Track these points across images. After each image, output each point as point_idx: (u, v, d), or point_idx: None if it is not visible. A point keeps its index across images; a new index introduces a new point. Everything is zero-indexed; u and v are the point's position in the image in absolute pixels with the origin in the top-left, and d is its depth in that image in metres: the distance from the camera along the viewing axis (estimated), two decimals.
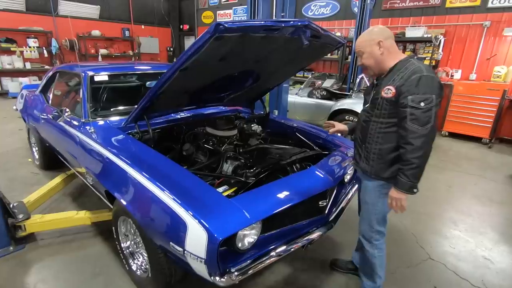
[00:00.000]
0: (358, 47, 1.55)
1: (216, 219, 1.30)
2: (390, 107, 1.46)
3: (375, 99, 1.53)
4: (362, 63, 1.57)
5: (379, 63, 1.52)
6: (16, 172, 3.54)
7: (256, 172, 1.82)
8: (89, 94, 2.41)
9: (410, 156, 1.38)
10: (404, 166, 1.41)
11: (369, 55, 1.51)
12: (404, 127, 1.39)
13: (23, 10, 8.48)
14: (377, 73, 1.57)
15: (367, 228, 1.72)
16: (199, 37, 1.36)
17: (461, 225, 2.83)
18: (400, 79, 1.42)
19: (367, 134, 1.58)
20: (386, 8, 6.68)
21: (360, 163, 1.66)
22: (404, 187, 1.42)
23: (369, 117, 1.57)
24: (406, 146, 1.39)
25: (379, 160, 1.56)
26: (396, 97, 1.41)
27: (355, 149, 1.73)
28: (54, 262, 2.13)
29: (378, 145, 1.55)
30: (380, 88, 1.51)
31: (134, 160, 1.68)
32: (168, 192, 1.41)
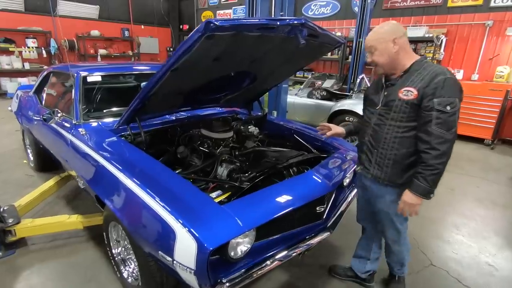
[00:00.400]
0: (369, 43, 1.46)
1: (207, 227, 1.24)
2: (410, 110, 1.39)
3: (390, 101, 1.45)
4: (373, 60, 1.47)
5: (393, 62, 1.43)
6: (10, 174, 3.49)
7: (251, 176, 1.75)
8: (82, 95, 2.34)
9: (434, 162, 1.33)
10: (426, 171, 1.36)
11: (382, 52, 1.42)
12: (427, 131, 1.34)
13: (22, 10, 8.44)
14: (387, 72, 1.49)
15: (393, 232, 1.69)
16: (189, 36, 1.29)
17: (464, 229, 2.76)
18: (421, 81, 1.36)
19: (381, 139, 1.50)
20: (387, 7, 6.60)
21: (371, 169, 1.58)
22: (422, 192, 1.38)
23: (383, 121, 1.49)
24: (431, 151, 1.33)
25: (395, 166, 1.49)
26: (418, 99, 1.35)
27: (363, 154, 1.63)
28: (44, 268, 2.07)
29: (394, 150, 1.47)
30: (395, 89, 1.44)
31: (123, 165, 1.62)
32: (157, 199, 1.35)
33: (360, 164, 1.68)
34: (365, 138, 1.61)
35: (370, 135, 1.57)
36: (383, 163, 1.52)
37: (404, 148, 1.45)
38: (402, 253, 1.79)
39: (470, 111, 5.37)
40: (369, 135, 1.57)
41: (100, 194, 1.67)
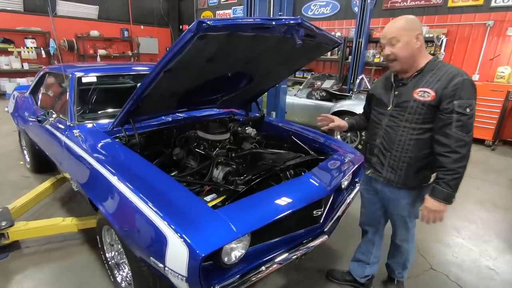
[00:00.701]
0: (391, 33, 1.35)
1: (199, 233, 1.20)
2: (426, 112, 1.35)
3: (403, 102, 1.41)
4: (393, 52, 1.36)
5: (412, 58, 1.37)
6: (6, 175, 3.46)
7: (247, 179, 1.72)
8: (76, 96, 2.31)
9: (455, 166, 1.29)
10: (447, 175, 1.31)
11: (405, 45, 1.34)
12: (447, 134, 1.30)
13: (21, 11, 8.42)
14: (403, 69, 1.41)
15: (404, 234, 1.70)
16: (181, 36, 1.26)
17: (464, 232, 2.72)
18: (437, 81, 1.32)
19: (394, 141, 1.46)
20: (387, 7, 6.57)
21: (383, 172, 1.54)
22: (445, 198, 1.34)
23: (396, 122, 1.45)
24: (451, 154, 1.29)
25: (409, 169, 1.46)
26: (436, 101, 1.31)
27: (374, 157, 1.58)
28: (38, 272, 2.04)
29: (408, 153, 1.43)
30: (408, 89, 1.40)
31: (116, 168, 1.59)
32: (149, 203, 1.32)
33: (371, 167, 1.63)
34: (376, 140, 1.55)
35: (382, 137, 1.52)
36: (397, 166, 1.48)
37: (418, 151, 1.42)
38: (409, 252, 1.79)
39: None
40: (381, 137, 1.52)
41: (92, 198, 1.64)
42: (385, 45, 1.40)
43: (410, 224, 1.67)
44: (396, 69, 1.43)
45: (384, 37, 1.40)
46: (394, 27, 1.37)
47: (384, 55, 1.42)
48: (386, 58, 1.43)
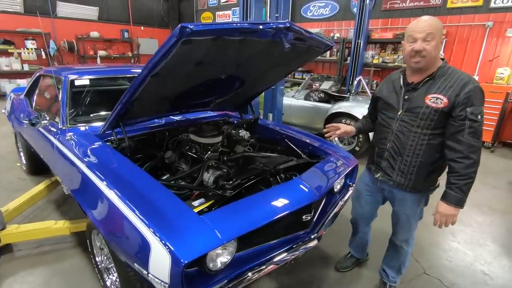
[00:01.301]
0: (430, 29, 1.30)
1: (182, 239, 1.19)
2: (438, 118, 1.37)
3: (415, 107, 1.42)
4: (425, 49, 1.31)
5: (436, 59, 1.37)
6: (3, 177, 3.47)
7: (235, 184, 1.71)
8: (69, 99, 2.31)
9: (468, 171, 1.33)
10: (460, 180, 1.34)
11: (437, 45, 1.34)
12: (459, 140, 1.32)
13: (21, 12, 8.46)
14: (426, 67, 1.38)
15: (407, 234, 1.74)
16: (165, 41, 1.25)
17: (460, 236, 2.70)
18: (449, 88, 1.34)
19: (406, 146, 1.48)
20: (386, 8, 6.54)
21: (394, 176, 1.56)
22: (457, 202, 1.37)
23: (407, 127, 1.46)
24: (464, 160, 1.32)
25: (419, 173, 1.49)
26: (449, 107, 1.32)
27: (384, 161, 1.59)
28: (29, 275, 2.04)
29: (419, 157, 1.46)
30: (420, 95, 1.41)
31: (104, 173, 1.58)
32: (134, 209, 1.31)
33: (380, 170, 1.64)
34: (387, 144, 1.56)
35: (393, 142, 1.53)
36: (407, 170, 1.50)
37: (429, 156, 1.44)
38: (407, 256, 1.82)
39: None
40: (391, 141, 1.53)
41: (80, 202, 1.64)
42: (418, 39, 1.33)
43: (413, 224, 1.70)
44: (420, 65, 1.37)
45: (419, 31, 1.33)
46: (431, 24, 1.32)
47: (414, 49, 1.34)
48: (415, 54, 1.35)
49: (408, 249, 1.80)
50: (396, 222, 1.75)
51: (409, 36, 1.37)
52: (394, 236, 1.82)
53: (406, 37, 1.40)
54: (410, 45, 1.36)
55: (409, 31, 1.38)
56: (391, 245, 1.88)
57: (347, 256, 2.24)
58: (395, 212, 1.73)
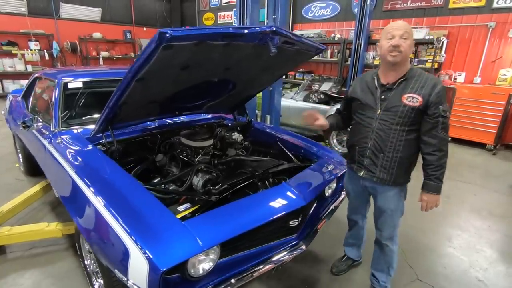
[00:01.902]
0: (407, 29, 1.46)
1: (161, 247, 1.19)
2: (414, 115, 1.49)
3: (393, 106, 1.53)
4: (401, 45, 1.44)
5: (408, 59, 1.52)
6: (1, 178, 3.50)
7: (222, 189, 1.69)
8: (62, 102, 2.32)
9: (442, 162, 1.50)
10: (436, 171, 1.51)
11: (411, 45, 1.48)
12: (434, 135, 1.48)
13: (25, 13, 8.54)
14: (399, 65, 1.50)
15: (391, 230, 1.78)
16: (146, 46, 1.24)
17: (456, 241, 2.65)
18: (421, 88, 1.48)
19: (387, 143, 1.57)
20: (387, 9, 6.48)
21: (377, 173, 1.64)
22: (436, 189, 1.54)
23: (387, 125, 1.56)
24: (437, 152, 1.49)
25: (399, 168, 1.59)
26: (424, 106, 1.47)
27: (366, 159, 1.67)
28: (19, 277, 2.05)
29: (399, 153, 1.57)
30: (396, 94, 1.52)
31: (90, 178, 1.58)
32: (116, 217, 1.30)
33: (363, 168, 1.70)
34: (368, 143, 1.64)
35: (374, 140, 1.61)
36: (389, 165, 1.60)
37: (407, 150, 1.56)
38: (393, 256, 1.86)
39: (471, 115, 5.22)
40: (373, 139, 1.61)
41: (66, 205, 1.64)
42: (396, 36, 1.45)
43: (396, 220, 1.76)
44: (396, 60, 1.48)
45: (397, 29, 1.46)
46: (406, 26, 1.49)
47: (393, 44, 1.45)
48: (393, 48, 1.46)
49: (393, 247, 1.83)
50: (380, 220, 1.80)
51: (388, 33, 1.49)
52: (379, 235, 1.86)
53: (385, 35, 1.51)
54: (388, 41, 1.48)
55: (387, 30, 1.51)
56: (377, 246, 1.92)
57: (342, 258, 2.24)
58: (378, 208, 1.78)
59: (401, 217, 1.79)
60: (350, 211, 2.07)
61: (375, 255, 1.97)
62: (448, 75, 5.67)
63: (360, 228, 2.10)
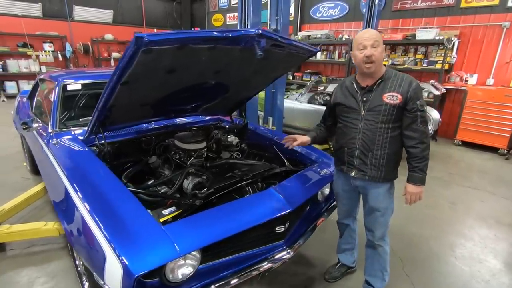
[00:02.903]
0: (376, 37, 1.52)
1: (136, 252, 1.18)
2: (396, 112, 1.56)
3: (376, 106, 1.58)
4: (373, 54, 1.50)
5: (381, 63, 1.58)
6: (8, 177, 3.60)
7: (208, 193, 1.68)
8: (60, 104, 2.37)
9: (424, 153, 1.57)
10: (420, 163, 1.57)
11: (382, 51, 1.54)
12: (415, 129, 1.55)
13: (40, 16, 8.83)
14: (375, 71, 1.56)
15: (383, 230, 1.80)
16: (125, 51, 1.25)
17: (459, 250, 2.55)
18: (399, 86, 1.55)
19: (374, 141, 1.62)
20: (396, 9, 6.33)
21: (368, 171, 1.68)
22: (421, 181, 1.60)
23: (373, 125, 1.61)
24: (420, 145, 1.55)
25: (388, 164, 1.64)
26: (403, 102, 1.54)
27: (356, 159, 1.70)
28: (15, 275, 2.10)
29: (386, 149, 1.62)
30: (377, 95, 1.58)
31: (77, 181, 1.58)
32: (97, 220, 1.30)
33: (354, 168, 1.72)
34: (356, 143, 1.67)
35: (362, 140, 1.65)
36: (379, 163, 1.64)
37: (393, 146, 1.62)
38: (386, 257, 1.86)
39: (484, 118, 5.03)
40: (361, 139, 1.65)
41: (56, 208, 1.66)
42: (367, 46, 1.51)
43: (387, 218, 1.78)
44: (371, 70, 1.55)
45: (367, 39, 1.52)
46: (376, 33, 1.55)
47: (366, 55, 1.51)
48: (367, 60, 1.52)
49: (386, 248, 1.84)
50: (372, 220, 1.80)
51: (359, 44, 1.54)
52: (371, 237, 1.85)
53: (356, 45, 1.56)
54: (361, 52, 1.53)
55: (358, 40, 1.55)
56: (370, 249, 1.91)
57: (336, 265, 2.20)
58: (370, 208, 1.78)
59: (391, 216, 1.80)
60: (340, 214, 2.04)
61: (368, 260, 1.95)
62: (459, 76, 5.49)
63: (352, 231, 2.08)
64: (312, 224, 1.95)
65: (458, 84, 5.44)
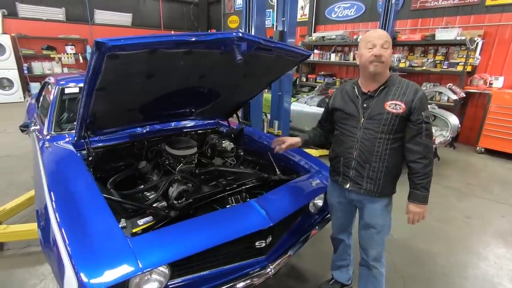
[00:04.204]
0: (385, 39, 1.42)
1: (94, 266, 1.13)
2: (398, 122, 1.44)
3: (377, 114, 1.47)
4: (382, 55, 1.40)
5: (388, 66, 1.48)
6: (17, 176, 3.72)
7: (185, 204, 1.61)
8: (57, 107, 2.39)
9: (427, 170, 1.44)
10: (423, 180, 1.44)
11: (390, 54, 1.46)
12: (418, 142, 1.43)
13: (63, 20, 9.20)
14: (380, 74, 1.46)
15: (379, 249, 1.67)
16: (89, 57, 1.20)
17: (471, 271, 2.33)
18: (403, 94, 1.44)
19: (372, 152, 1.50)
20: (416, 8, 6.02)
21: (364, 184, 1.56)
22: (423, 199, 1.46)
23: (372, 134, 1.49)
24: (422, 160, 1.43)
25: (386, 177, 1.52)
26: (407, 112, 1.42)
27: (352, 170, 1.58)
28: (6, 275, 2.13)
29: (385, 162, 1.50)
30: (379, 102, 1.47)
31: (54, 186, 1.56)
32: (62, 231, 1.26)
33: (350, 180, 1.61)
34: (353, 153, 1.56)
35: (359, 150, 1.53)
36: (376, 176, 1.52)
37: (393, 159, 1.50)
38: (382, 277, 1.72)
39: (510, 124, 4.66)
40: (358, 149, 1.54)
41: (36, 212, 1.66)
42: (377, 45, 1.41)
43: (383, 237, 1.65)
44: (378, 70, 1.44)
45: (378, 38, 1.42)
46: (386, 35, 1.45)
47: (374, 54, 1.41)
48: (375, 59, 1.41)
49: (382, 270, 1.70)
50: (367, 237, 1.67)
51: (368, 42, 1.43)
52: (365, 256, 1.71)
53: (365, 44, 1.44)
54: (369, 51, 1.42)
55: (367, 38, 1.44)
56: (363, 269, 1.78)
57: (330, 282, 2.07)
58: (365, 225, 1.65)
59: (388, 235, 1.67)
60: (334, 229, 1.92)
61: (361, 280, 1.82)
62: (482, 79, 5.12)
63: (347, 247, 1.95)
64: (303, 237, 1.84)
65: (481, 87, 5.08)
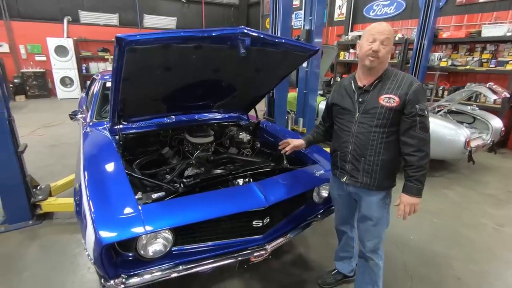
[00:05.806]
0: (388, 35, 1.42)
1: (109, 223, 1.35)
2: (392, 116, 1.46)
3: (371, 108, 1.50)
4: (380, 50, 1.40)
5: (385, 63, 1.49)
6: (70, 160, 4.27)
7: (192, 183, 1.79)
8: (100, 98, 2.76)
9: (422, 163, 1.44)
10: (417, 172, 1.45)
11: (390, 50, 1.46)
12: (412, 135, 1.44)
13: (117, 25, 10.18)
14: (375, 69, 1.47)
15: (375, 242, 1.69)
16: (113, 51, 1.43)
17: (492, 279, 2.20)
18: (398, 88, 1.45)
19: (367, 146, 1.53)
20: (461, 3, 5.64)
21: (360, 178, 1.60)
22: (417, 192, 1.47)
23: (366, 128, 1.52)
24: (417, 153, 1.44)
25: (382, 171, 1.54)
26: (401, 105, 1.44)
27: (348, 164, 1.63)
28: (51, 241, 2.50)
29: (380, 155, 1.52)
30: (374, 96, 1.49)
31: (89, 163, 1.84)
32: (88, 193, 1.52)
33: (346, 174, 1.66)
34: (349, 147, 1.60)
35: (354, 144, 1.57)
36: (372, 169, 1.55)
37: (389, 152, 1.52)
38: (379, 270, 1.74)
39: None
40: (353, 143, 1.57)
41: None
42: (377, 40, 1.41)
43: (381, 230, 1.66)
44: (374, 65, 1.45)
45: (380, 33, 1.41)
46: (390, 30, 1.44)
47: (373, 50, 1.42)
48: (372, 54, 1.43)
49: (379, 262, 1.72)
50: (364, 229, 1.70)
51: (370, 35, 1.44)
52: (362, 247, 1.75)
53: (367, 36, 1.45)
54: (370, 44, 1.43)
55: (370, 31, 1.45)
56: (362, 261, 1.81)
57: (332, 272, 2.13)
58: (363, 217, 1.69)
59: (386, 229, 1.68)
60: (337, 220, 1.98)
61: (359, 270, 1.86)
62: None
63: (349, 239, 2.00)
64: (304, 223, 1.93)
65: None
